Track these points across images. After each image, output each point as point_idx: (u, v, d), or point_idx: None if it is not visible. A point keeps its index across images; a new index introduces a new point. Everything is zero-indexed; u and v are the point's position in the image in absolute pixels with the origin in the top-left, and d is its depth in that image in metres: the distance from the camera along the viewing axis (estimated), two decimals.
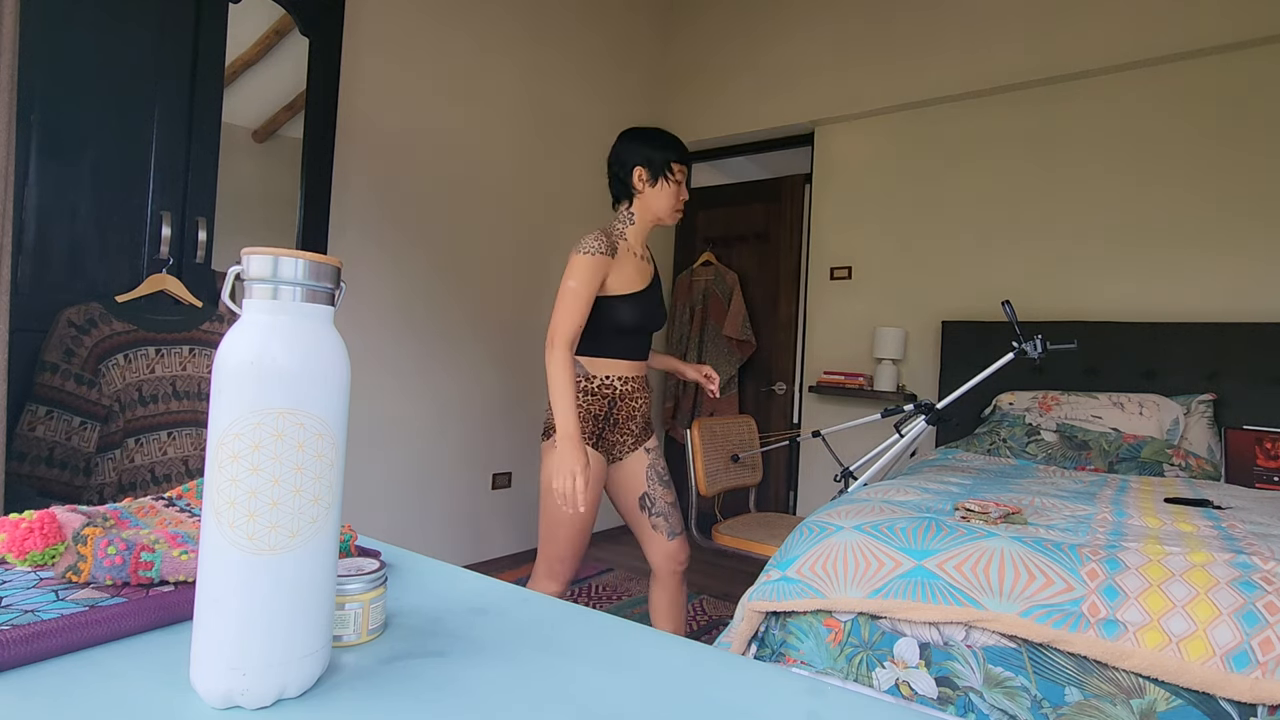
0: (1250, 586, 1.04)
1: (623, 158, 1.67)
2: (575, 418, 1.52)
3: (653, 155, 1.65)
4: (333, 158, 2.33)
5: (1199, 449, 2.34)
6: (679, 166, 1.67)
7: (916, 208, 3.33)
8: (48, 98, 1.55)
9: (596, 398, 1.65)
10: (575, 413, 1.52)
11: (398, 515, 2.71)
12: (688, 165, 1.70)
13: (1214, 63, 2.68)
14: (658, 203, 1.67)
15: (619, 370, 1.68)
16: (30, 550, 0.62)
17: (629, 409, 1.70)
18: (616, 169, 1.69)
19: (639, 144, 1.67)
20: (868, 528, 1.36)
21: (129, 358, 1.59)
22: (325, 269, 0.47)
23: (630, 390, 1.70)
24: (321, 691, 0.47)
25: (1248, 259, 2.59)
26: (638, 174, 1.66)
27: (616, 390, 1.67)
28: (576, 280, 1.56)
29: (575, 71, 3.46)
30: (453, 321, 2.89)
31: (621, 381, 1.68)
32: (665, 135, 1.68)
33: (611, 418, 1.68)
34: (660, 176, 1.66)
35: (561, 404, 1.52)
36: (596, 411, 1.65)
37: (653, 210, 1.68)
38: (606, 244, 1.59)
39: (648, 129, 1.70)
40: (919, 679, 1.19)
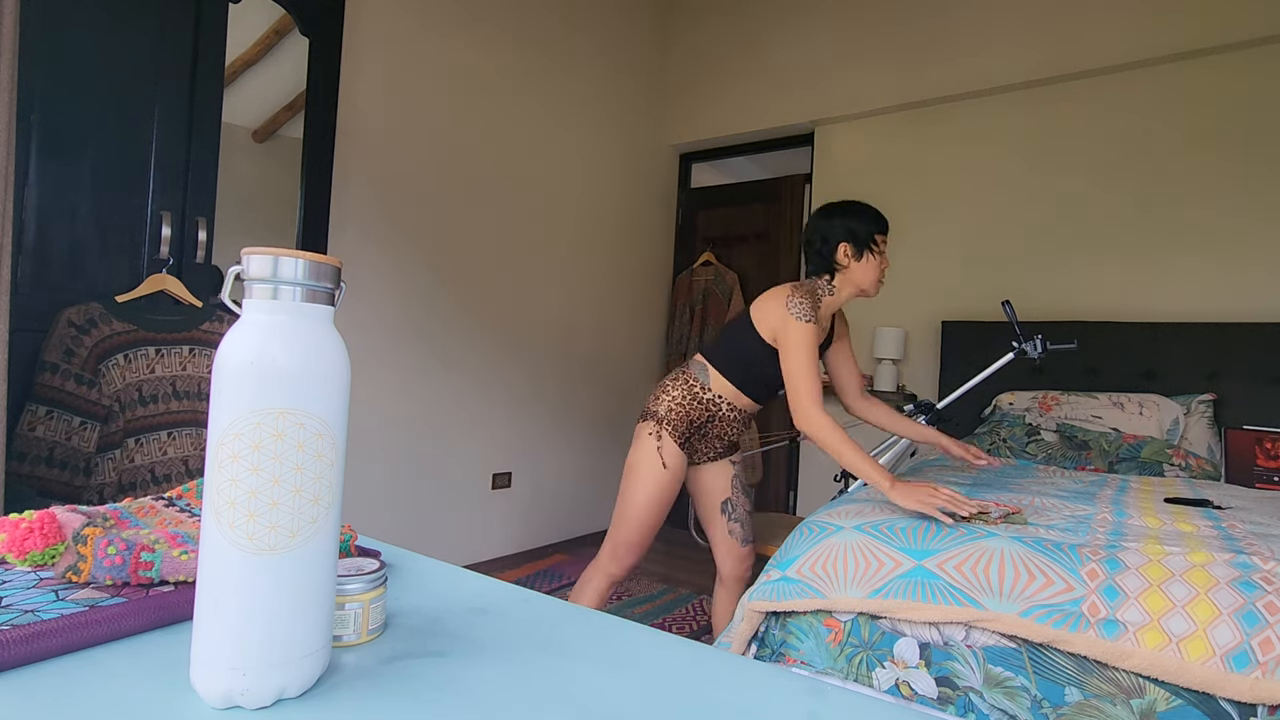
0: (1250, 586, 1.04)
1: (824, 233, 1.68)
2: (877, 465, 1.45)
3: (857, 229, 1.66)
4: (333, 158, 2.33)
5: (1199, 449, 2.34)
6: (882, 238, 1.69)
7: (916, 208, 3.32)
8: (48, 98, 1.55)
9: (700, 407, 1.72)
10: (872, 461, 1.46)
11: (398, 515, 2.71)
12: (887, 232, 1.72)
13: (1214, 63, 2.68)
14: (863, 276, 1.68)
15: (734, 399, 1.73)
16: (30, 550, 0.62)
17: (722, 429, 1.76)
18: (818, 244, 1.69)
19: (842, 218, 1.68)
20: (868, 528, 1.36)
21: (129, 358, 1.58)
22: (325, 269, 0.47)
23: (733, 417, 1.76)
24: (321, 691, 0.47)
25: (1248, 259, 2.59)
26: (842, 250, 1.67)
27: (721, 411, 1.73)
28: (807, 349, 1.57)
29: (575, 71, 3.46)
30: (452, 321, 2.89)
31: (729, 407, 1.73)
32: (868, 209, 1.70)
33: (704, 430, 1.74)
34: (865, 250, 1.67)
35: (858, 460, 1.46)
36: (695, 418, 1.71)
37: (857, 283, 1.69)
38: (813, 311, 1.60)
39: (848, 203, 1.71)
40: (919, 679, 1.19)
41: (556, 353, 3.43)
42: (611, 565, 1.75)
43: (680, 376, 1.75)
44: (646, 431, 1.72)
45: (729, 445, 1.83)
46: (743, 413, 1.76)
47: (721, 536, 1.85)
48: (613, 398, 3.79)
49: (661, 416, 1.71)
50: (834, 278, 1.70)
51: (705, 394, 1.71)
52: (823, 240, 1.68)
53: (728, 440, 1.81)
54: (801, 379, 1.57)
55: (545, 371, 3.37)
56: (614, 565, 1.75)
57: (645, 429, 1.72)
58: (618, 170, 3.78)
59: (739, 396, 1.73)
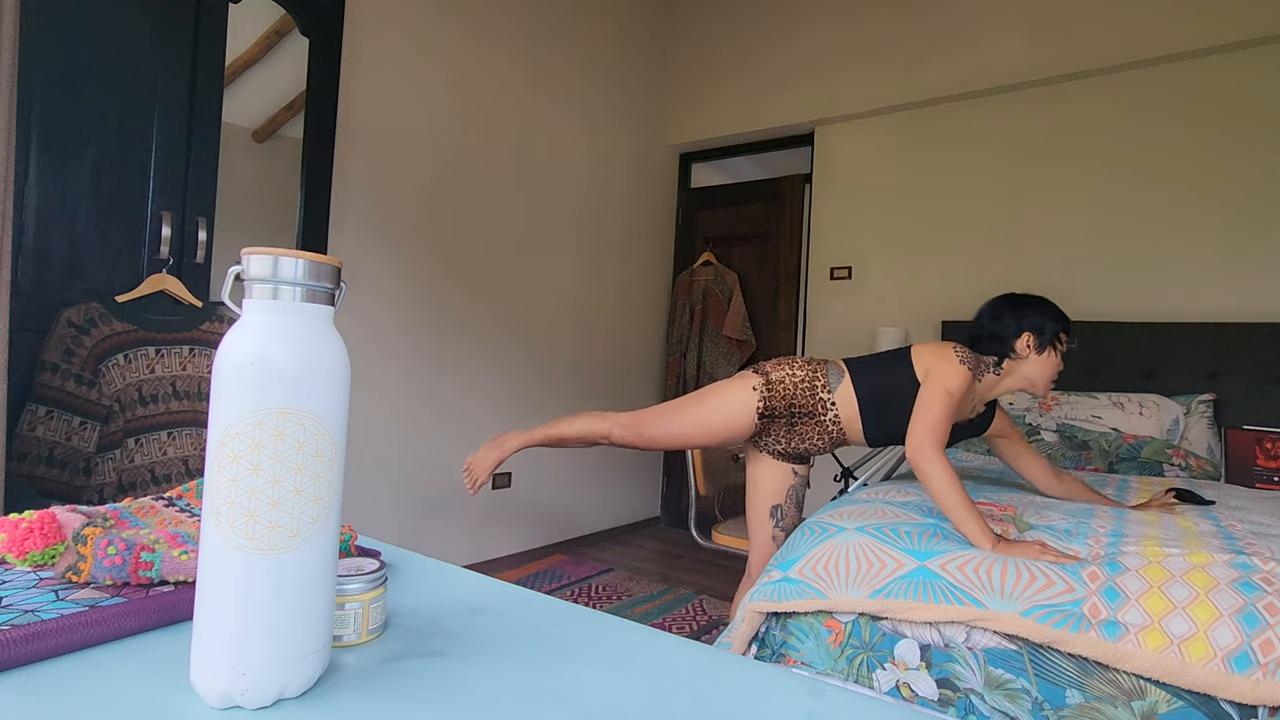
0: (1250, 587, 1.04)
1: (1008, 320, 1.61)
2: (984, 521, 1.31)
3: (1045, 325, 1.59)
4: (333, 158, 2.33)
5: (1199, 449, 2.34)
6: (1067, 338, 1.62)
7: (916, 208, 3.32)
8: (48, 97, 1.54)
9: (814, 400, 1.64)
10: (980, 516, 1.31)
11: (398, 515, 2.71)
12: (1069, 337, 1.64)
13: (1214, 63, 2.68)
14: (1038, 371, 1.60)
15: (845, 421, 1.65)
16: (30, 550, 0.61)
17: (809, 433, 1.67)
18: (999, 329, 1.61)
19: (1031, 310, 1.60)
20: (869, 529, 1.35)
21: (129, 358, 1.58)
22: (325, 269, 0.47)
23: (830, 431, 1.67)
24: (321, 691, 0.47)
25: (1248, 259, 2.59)
26: (1026, 339, 1.59)
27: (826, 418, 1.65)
28: (955, 389, 1.49)
29: (575, 72, 3.46)
30: (452, 321, 2.89)
31: (834, 421, 1.65)
32: (1055, 306, 1.63)
33: (794, 422, 1.66)
34: (1049, 347, 1.59)
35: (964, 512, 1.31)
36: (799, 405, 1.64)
37: (1029, 377, 1.61)
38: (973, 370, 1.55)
39: (1035, 297, 1.64)
40: (919, 680, 1.19)
41: (556, 352, 3.43)
42: (617, 429, 1.69)
43: (812, 363, 1.68)
44: (750, 384, 1.65)
45: (800, 455, 1.74)
46: (841, 433, 1.67)
47: (763, 539, 1.80)
48: (613, 397, 3.79)
49: (773, 381, 1.64)
50: (1002, 363, 1.62)
51: (824, 393, 1.64)
52: (1004, 325, 1.61)
53: (803, 449, 1.71)
54: (935, 410, 1.46)
55: (545, 371, 3.37)
56: (620, 430, 1.69)
57: (750, 379, 1.66)
58: (618, 170, 3.78)
59: (853, 420, 1.64)
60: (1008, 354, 1.61)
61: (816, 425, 1.65)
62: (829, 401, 1.64)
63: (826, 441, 1.68)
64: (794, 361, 1.70)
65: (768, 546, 1.80)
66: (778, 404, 1.64)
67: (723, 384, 1.70)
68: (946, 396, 1.47)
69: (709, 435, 1.69)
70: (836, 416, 1.64)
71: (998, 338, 1.61)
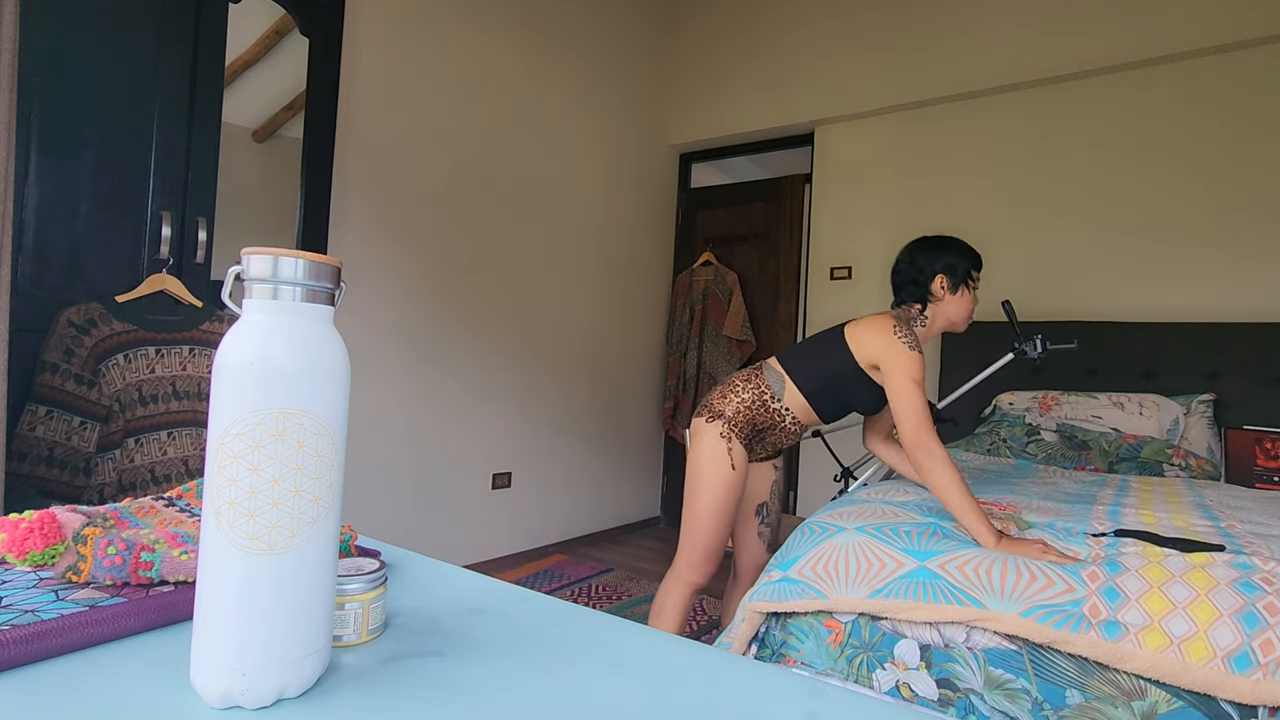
0: (1250, 587, 1.04)
1: (921, 264, 1.67)
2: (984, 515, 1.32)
3: (955, 263, 1.66)
4: (333, 158, 2.33)
5: (1199, 449, 2.34)
6: (977, 275, 1.69)
7: (916, 208, 3.32)
8: (48, 97, 1.54)
9: (766, 414, 1.69)
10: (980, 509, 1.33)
11: (398, 515, 2.71)
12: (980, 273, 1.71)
13: (1214, 63, 2.68)
14: (955, 310, 1.68)
15: (800, 414, 1.70)
16: (30, 550, 0.61)
17: (779, 439, 1.75)
18: (914, 274, 1.68)
19: (940, 251, 1.67)
20: (870, 529, 1.35)
21: (129, 358, 1.58)
22: (325, 269, 0.47)
23: (793, 430, 1.74)
24: (321, 691, 0.47)
25: (1247, 259, 2.59)
26: (939, 281, 1.66)
27: (784, 423, 1.71)
28: (917, 374, 1.54)
29: (575, 72, 3.46)
30: (453, 321, 2.89)
31: (793, 420, 1.71)
32: (965, 244, 1.69)
33: (763, 435, 1.72)
34: (961, 284, 1.66)
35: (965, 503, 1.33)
36: (759, 423, 1.69)
37: (949, 317, 1.69)
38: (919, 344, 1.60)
39: (945, 238, 1.70)
40: (919, 680, 1.19)
41: (556, 352, 3.43)
42: (690, 573, 1.69)
43: (752, 379, 1.71)
44: (716, 432, 1.67)
45: (778, 450, 1.83)
46: (804, 427, 1.75)
47: (749, 537, 1.85)
48: (613, 398, 3.79)
49: (729, 417, 1.67)
50: (925, 309, 1.69)
51: (775, 403, 1.69)
52: (918, 269, 1.68)
53: (779, 448, 1.81)
54: (913, 401, 1.51)
55: (545, 371, 3.37)
56: (693, 573, 1.69)
57: (714, 429, 1.67)
58: (618, 170, 3.78)
59: (808, 412, 1.70)
60: (927, 298, 1.68)
61: (780, 431, 1.73)
62: (782, 409, 1.70)
63: (795, 436, 1.78)
64: (736, 385, 1.71)
65: (754, 545, 1.85)
66: (746, 431, 1.69)
67: (696, 457, 1.69)
68: (915, 385, 1.52)
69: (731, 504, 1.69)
70: (794, 419, 1.71)
71: (914, 282, 1.68)
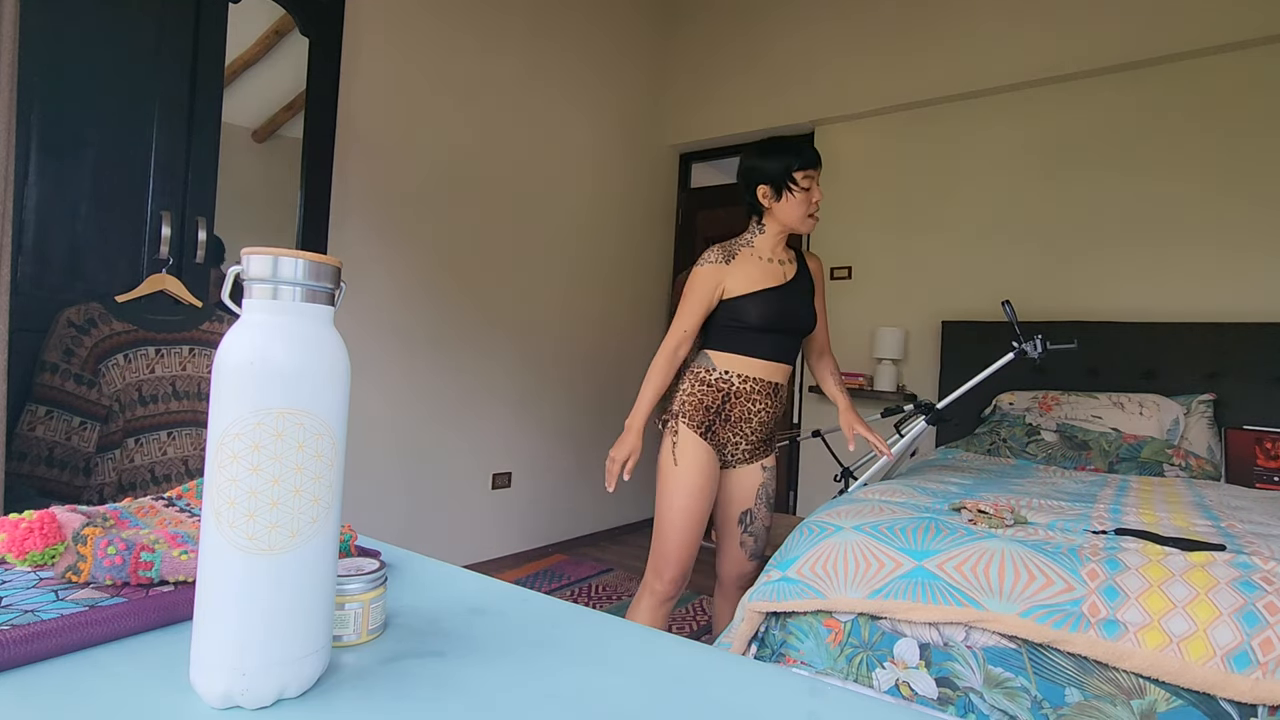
0: (1250, 586, 1.04)
1: (746, 178, 1.69)
2: (643, 411, 1.63)
3: (771, 169, 1.64)
4: (333, 158, 2.33)
5: (1199, 449, 2.34)
6: (802, 174, 1.64)
7: (916, 208, 3.32)
8: (48, 97, 1.54)
9: (711, 390, 1.66)
10: (646, 406, 1.63)
11: (398, 515, 2.71)
12: (815, 166, 1.66)
13: (1214, 62, 2.68)
14: (785, 214, 1.67)
15: (741, 367, 1.67)
16: (30, 550, 0.61)
17: (744, 409, 1.68)
18: (741, 189, 1.71)
19: (757, 160, 1.66)
20: (868, 528, 1.36)
21: (129, 358, 1.58)
22: (325, 269, 0.47)
23: (749, 390, 1.68)
24: (321, 691, 0.47)
25: (1247, 259, 2.59)
26: (761, 192, 1.67)
27: (734, 386, 1.66)
28: (689, 290, 1.66)
29: (575, 71, 3.46)
30: (452, 321, 2.89)
31: (740, 379, 1.67)
32: (783, 144, 1.66)
33: (724, 412, 1.67)
34: (784, 189, 1.65)
35: (642, 396, 1.65)
36: (709, 403, 1.66)
37: (782, 222, 1.68)
38: (721, 254, 1.67)
39: (765, 142, 1.68)
40: (919, 679, 1.19)
41: (556, 352, 3.43)
42: (655, 581, 1.67)
43: (686, 371, 1.72)
44: (669, 443, 1.68)
45: (763, 438, 1.73)
46: (762, 382, 1.68)
47: (730, 546, 1.77)
48: (613, 397, 3.79)
49: (675, 410, 1.68)
50: (762, 218, 1.70)
51: (712, 374, 1.67)
52: (745, 183, 1.69)
53: (759, 425, 1.70)
54: (677, 315, 1.67)
55: (545, 371, 3.37)
56: (657, 581, 1.67)
57: (666, 432, 1.69)
58: (618, 170, 3.78)
59: (747, 362, 1.66)
60: (758, 208, 1.69)
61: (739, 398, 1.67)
62: (722, 375, 1.67)
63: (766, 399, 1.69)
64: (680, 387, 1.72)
65: (736, 553, 1.77)
66: (699, 418, 1.66)
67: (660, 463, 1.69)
68: (683, 301, 1.67)
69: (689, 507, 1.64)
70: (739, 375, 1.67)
71: (742, 195, 1.72)
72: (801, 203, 1.65)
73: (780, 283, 1.69)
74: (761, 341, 1.67)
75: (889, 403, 3.24)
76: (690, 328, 1.66)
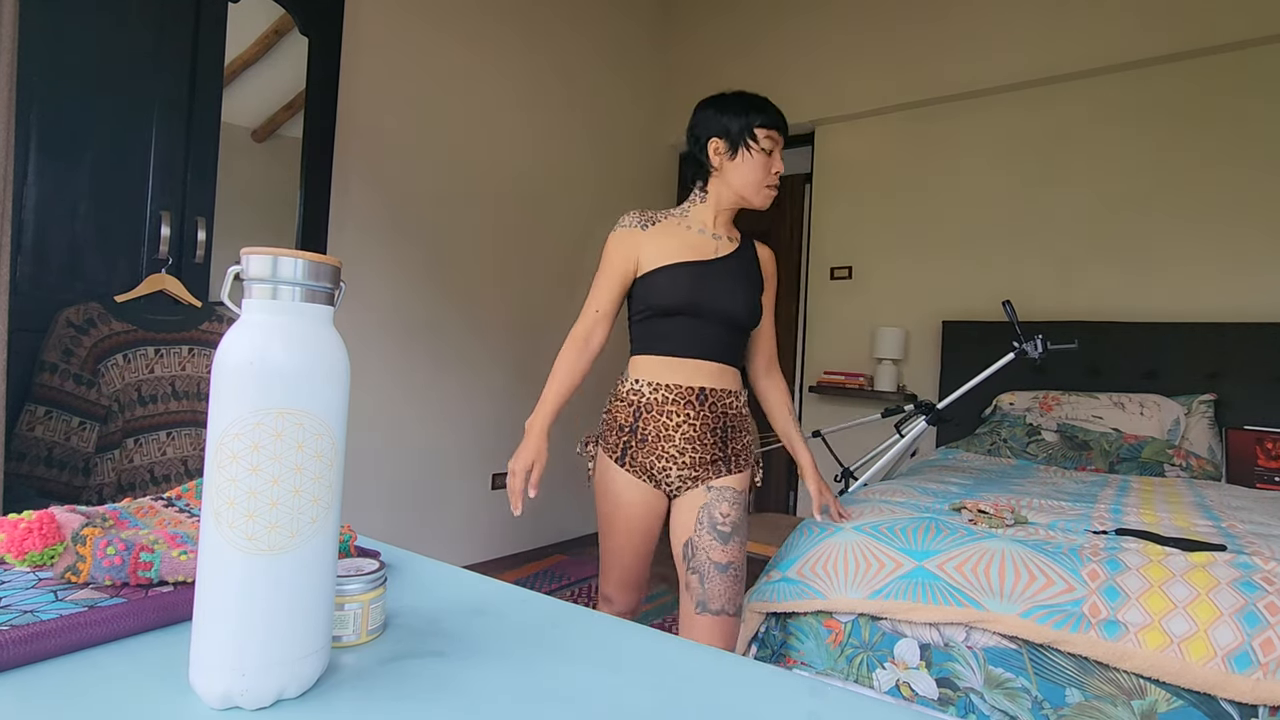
0: (1251, 587, 1.04)
1: (696, 131, 1.38)
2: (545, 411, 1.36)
3: (730, 123, 1.34)
4: (332, 158, 2.33)
5: (1200, 449, 2.34)
6: (764, 133, 1.34)
7: (916, 208, 3.32)
8: (47, 97, 1.54)
9: (624, 404, 1.38)
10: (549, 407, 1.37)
11: (398, 515, 2.71)
12: (780, 131, 1.37)
13: (1214, 63, 2.68)
14: (737, 177, 1.34)
15: (651, 372, 1.35)
16: (29, 550, 0.61)
17: (660, 426, 1.32)
18: (690, 145, 1.40)
19: (715, 111, 1.37)
20: (868, 528, 1.35)
21: (128, 358, 1.58)
22: (324, 269, 0.47)
23: (660, 400, 1.33)
24: (321, 692, 0.47)
25: (1248, 259, 2.59)
26: (714, 147, 1.36)
27: (645, 398, 1.34)
28: (602, 261, 1.37)
29: (575, 71, 3.46)
30: (452, 321, 2.89)
31: (652, 389, 1.34)
32: (748, 98, 1.38)
33: (641, 431, 1.34)
34: (740, 146, 1.34)
35: (545, 394, 1.38)
36: (622, 421, 1.37)
37: (732, 187, 1.36)
38: (638, 218, 1.37)
39: (724, 94, 1.41)
40: (919, 680, 1.19)
41: (556, 352, 3.42)
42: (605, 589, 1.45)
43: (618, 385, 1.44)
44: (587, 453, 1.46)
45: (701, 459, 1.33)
46: (679, 389, 1.32)
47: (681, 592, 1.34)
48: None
49: (595, 433, 1.46)
50: (707, 183, 1.39)
51: (623, 386, 1.39)
52: (693, 138, 1.38)
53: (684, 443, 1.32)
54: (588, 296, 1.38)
55: (545, 371, 3.35)
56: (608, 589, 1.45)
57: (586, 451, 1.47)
58: (618, 170, 3.78)
59: (658, 364, 1.34)
60: (706, 170, 1.37)
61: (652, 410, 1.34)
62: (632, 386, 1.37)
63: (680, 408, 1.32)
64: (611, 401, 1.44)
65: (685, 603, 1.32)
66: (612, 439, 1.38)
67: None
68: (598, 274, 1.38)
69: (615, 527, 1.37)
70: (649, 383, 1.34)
71: (692, 156, 1.39)
72: (760, 165, 1.34)
73: (704, 257, 1.35)
74: (675, 333, 1.33)
75: (889, 403, 3.23)
76: (602, 307, 1.37)
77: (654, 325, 1.35)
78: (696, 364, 1.34)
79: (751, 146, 1.34)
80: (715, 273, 1.35)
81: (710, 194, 1.39)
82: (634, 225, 1.36)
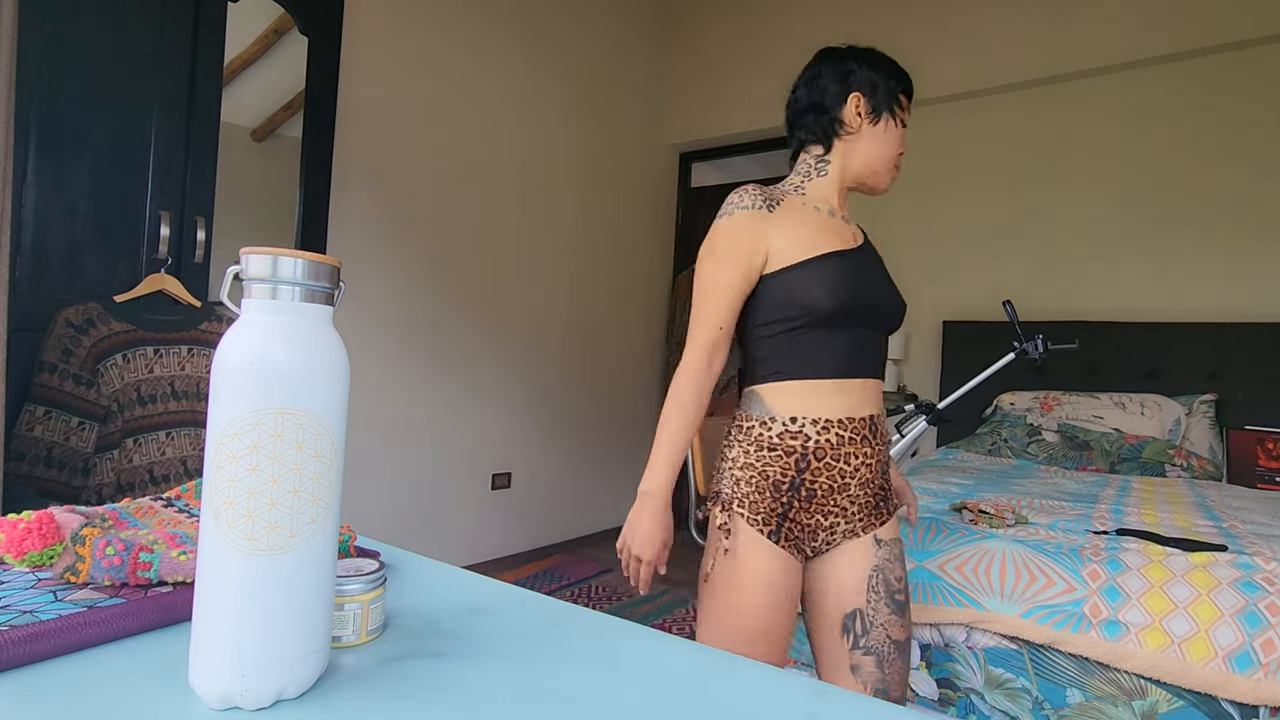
0: (1252, 587, 1.04)
1: (831, 82, 1.09)
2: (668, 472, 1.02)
3: (879, 81, 1.08)
4: (332, 157, 2.33)
5: (1200, 449, 2.34)
6: (908, 102, 1.12)
7: (916, 207, 3.32)
8: (46, 97, 1.54)
9: (777, 454, 1.01)
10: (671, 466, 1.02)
11: (398, 515, 2.71)
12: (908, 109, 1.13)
13: (1215, 63, 2.68)
14: (876, 146, 1.09)
15: (812, 406, 1.01)
16: (28, 551, 0.61)
17: (835, 477, 1.01)
18: (817, 97, 1.10)
19: (858, 63, 1.09)
20: None
21: (127, 358, 1.58)
22: (324, 269, 0.47)
23: (836, 441, 1.01)
24: (320, 692, 0.47)
25: (1249, 259, 2.59)
26: (855, 103, 1.08)
27: (812, 442, 1.01)
28: (712, 259, 1.03)
29: (575, 70, 3.46)
30: (452, 321, 2.89)
31: (821, 428, 1.01)
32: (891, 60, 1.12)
33: (803, 488, 1.01)
34: (886, 112, 1.09)
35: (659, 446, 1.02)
36: (777, 477, 1.01)
37: (865, 159, 1.09)
38: (760, 196, 1.04)
39: (860, 47, 1.12)
40: (920, 680, 1.19)
41: (556, 352, 3.43)
42: None
43: (734, 428, 1.08)
44: (715, 524, 1.04)
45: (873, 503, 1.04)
46: (854, 421, 1.02)
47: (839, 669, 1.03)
48: (613, 398, 3.79)
49: (729, 495, 1.04)
50: (830, 150, 1.11)
51: (773, 428, 1.02)
52: (822, 90, 1.10)
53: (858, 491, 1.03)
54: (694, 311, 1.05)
55: (545, 371, 3.37)
56: None
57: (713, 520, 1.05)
58: (618, 170, 3.78)
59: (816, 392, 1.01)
60: (834, 131, 1.10)
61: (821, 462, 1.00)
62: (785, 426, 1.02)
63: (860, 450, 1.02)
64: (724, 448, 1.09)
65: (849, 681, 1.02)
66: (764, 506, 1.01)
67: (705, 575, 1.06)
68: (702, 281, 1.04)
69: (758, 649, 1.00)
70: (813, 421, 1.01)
71: (817, 106, 1.10)
72: (899, 139, 1.10)
73: (848, 245, 1.07)
74: (841, 347, 1.03)
75: (890, 403, 3.23)
76: (726, 322, 1.04)
77: (808, 338, 1.03)
78: (864, 385, 1.05)
79: (897, 114, 1.10)
80: (866, 265, 1.09)
81: (834, 165, 1.11)
82: (759, 205, 1.04)
